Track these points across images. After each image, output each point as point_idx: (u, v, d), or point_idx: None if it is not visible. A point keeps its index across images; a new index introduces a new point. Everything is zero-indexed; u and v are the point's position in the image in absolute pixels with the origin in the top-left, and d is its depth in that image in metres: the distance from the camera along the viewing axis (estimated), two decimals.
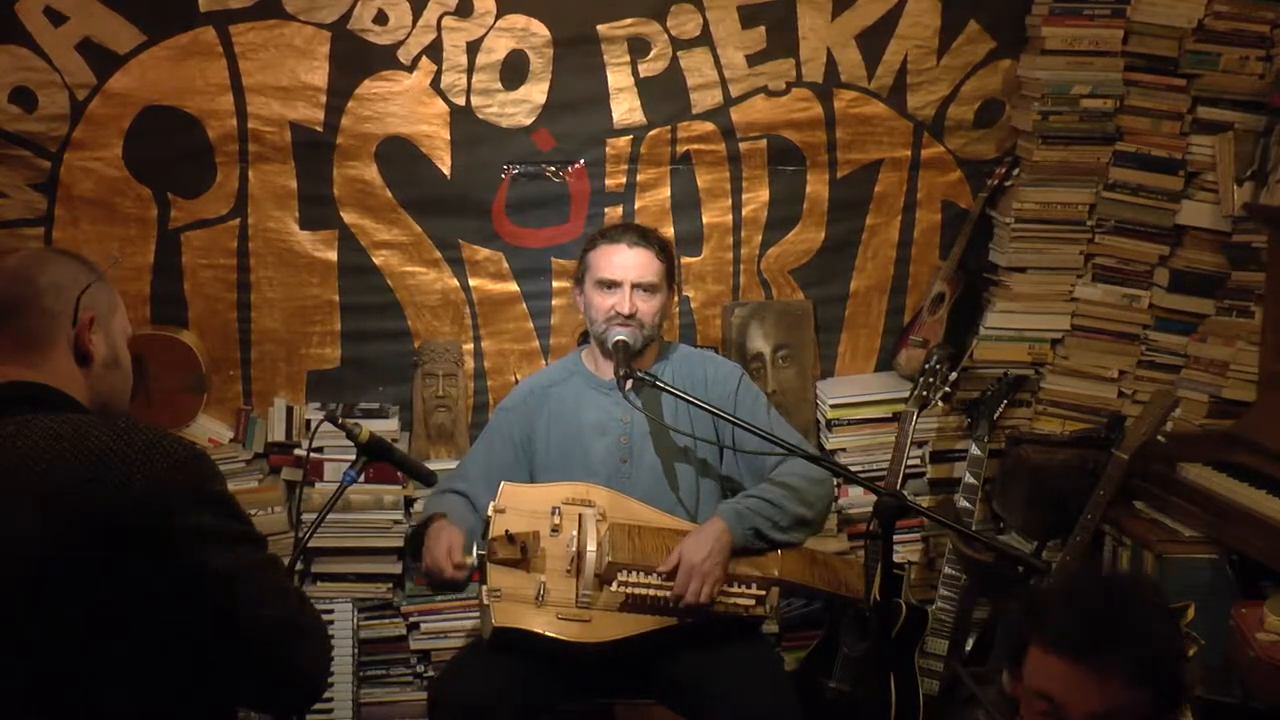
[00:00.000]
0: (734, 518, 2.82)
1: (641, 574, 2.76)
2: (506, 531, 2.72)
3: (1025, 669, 1.84)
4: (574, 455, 2.99)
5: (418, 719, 3.36)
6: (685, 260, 3.64)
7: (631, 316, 2.94)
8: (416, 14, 3.37)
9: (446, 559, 2.72)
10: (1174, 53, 3.49)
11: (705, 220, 3.63)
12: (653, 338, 3.02)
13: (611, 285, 2.97)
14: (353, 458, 2.56)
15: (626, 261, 2.97)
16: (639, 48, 3.49)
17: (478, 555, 2.73)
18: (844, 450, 3.63)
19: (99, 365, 1.86)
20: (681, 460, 3.00)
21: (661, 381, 2.84)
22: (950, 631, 3.37)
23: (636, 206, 3.59)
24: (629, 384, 2.84)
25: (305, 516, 3.19)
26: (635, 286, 2.96)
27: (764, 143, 3.60)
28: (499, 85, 3.45)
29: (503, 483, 2.84)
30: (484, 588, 2.71)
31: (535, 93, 3.47)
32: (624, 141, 3.54)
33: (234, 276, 3.47)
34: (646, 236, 3.03)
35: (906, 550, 3.63)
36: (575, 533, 2.77)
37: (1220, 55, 3.46)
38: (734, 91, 3.55)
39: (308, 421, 3.45)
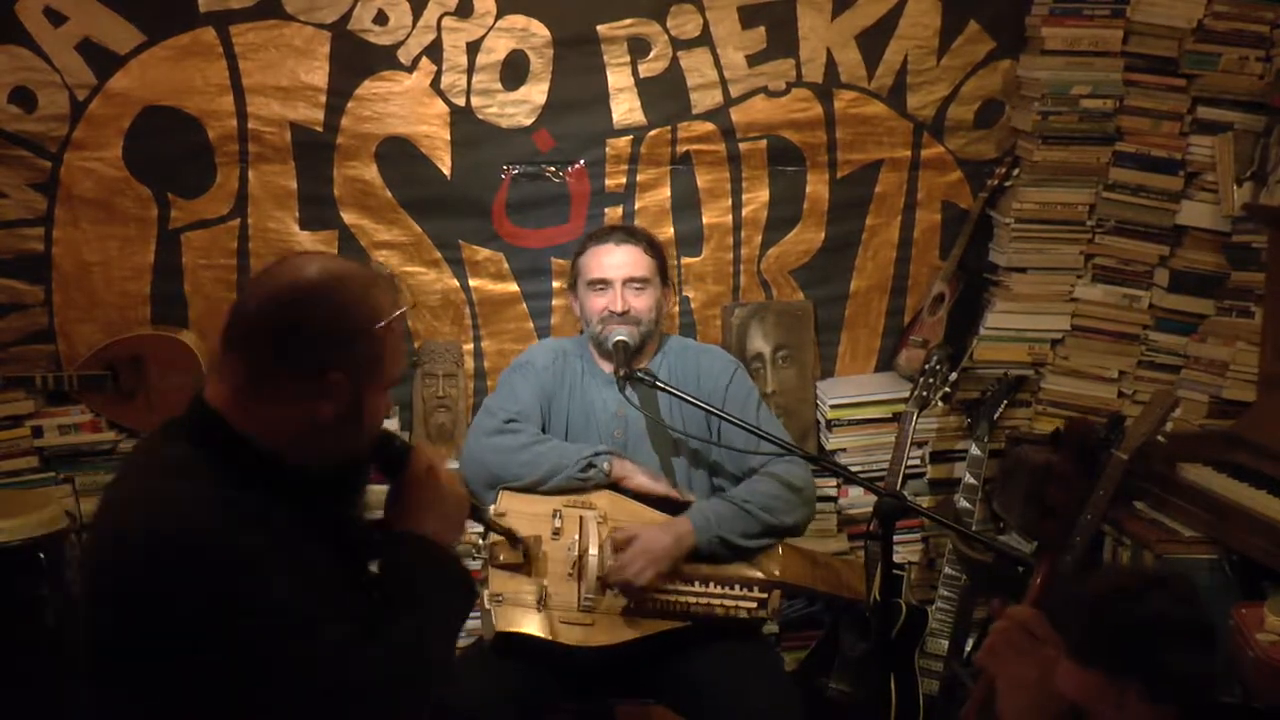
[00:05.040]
0: (703, 523, 2.80)
1: None
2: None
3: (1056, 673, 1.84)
4: (578, 436, 2.99)
5: None
6: (685, 261, 3.64)
7: (625, 313, 2.95)
8: (416, 14, 3.37)
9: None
10: (1174, 53, 3.49)
11: (705, 220, 3.64)
12: (650, 334, 3.02)
13: (602, 284, 2.97)
14: None
15: (614, 259, 2.98)
16: (639, 48, 3.49)
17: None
18: (844, 450, 3.63)
19: (320, 424, 1.68)
20: (675, 456, 3.00)
21: (660, 381, 2.84)
22: (950, 631, 3.38)
23: (636, 207, 3.59)
24: (628, 384, 2.84)
25: None
26: (626, 283, 2.96)
27: (764, 143, 3.60)
28: (499, 85, 3.45)
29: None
30: (486, 591, 2.71)
31: (535, 93, 3.47)
32: (624, 142, 3.54)
33: (234, 277, 3.47)
34: (633, 234, 3.04)
35: (906, 550, 3.64)
36: (576, 536, 2.77)
37: (1220, 55, 3.46)
38: (734, 92, 3.55)
39: None
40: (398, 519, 1.83)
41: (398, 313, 1.72)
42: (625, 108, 3.51)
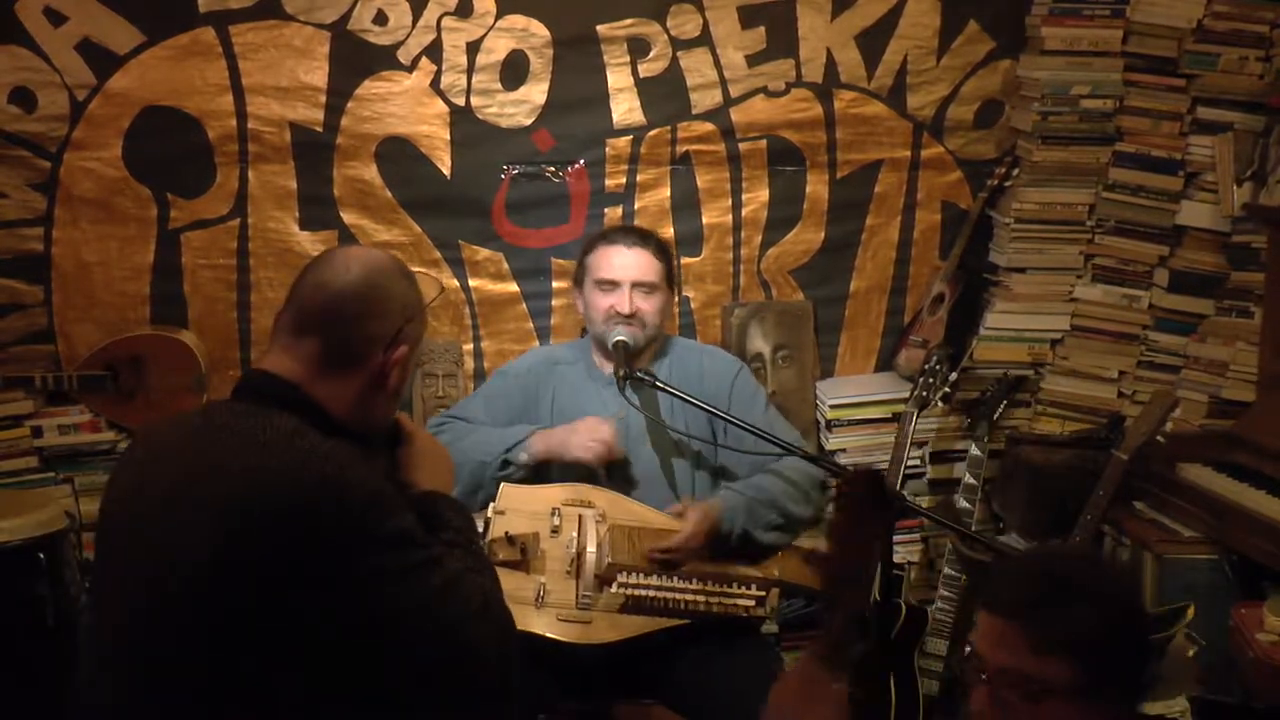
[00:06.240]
0: (730, 514, 2.82)
1: (641, 575, 2.75)
2: (506, 533, 2.72)
3: None
4: None
5: None
6: (685, 261, 3.64)
7: (632, 316, 2.95)
8: (416, 14, 3.37)
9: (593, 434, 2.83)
10: (1173, 53, 3.49)
11: (705, 220, 3.64)
12: (654, 337, 3.02)
13: (611, 285, 2.97)
14: None
15: (626, 261, 2.98)
16: (639, 48, 3.49)
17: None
18: (844, 450, 3.63)
19: (384, 395, 1.82)
20: (677, 457, 3.00)
21: (660, 381, 2.84)
22: (950, 631, 3.37)
23: (636, 207, 3.59)
24: (628, 384, 2.84)
25: None
26: (635, 286, 2.96)
27: (764, 143, 3.60)
28: (499, 85, 3.45)
29: (503, 484, 2.84)
30: None
31: (535, 93, 3.47)
32: (624, 142, 3.54)
33: (234, 277, 3.47)
34: (645, 237, 3.04)
35: (906, 550, 3.63)
36: (575, 534, 2.77)
37: (1219, 56, 3.46)
38: (734, 92, 3.55)
39: None
40: (421, 480, 1.94)
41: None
42: (625, 108, 3.52)
